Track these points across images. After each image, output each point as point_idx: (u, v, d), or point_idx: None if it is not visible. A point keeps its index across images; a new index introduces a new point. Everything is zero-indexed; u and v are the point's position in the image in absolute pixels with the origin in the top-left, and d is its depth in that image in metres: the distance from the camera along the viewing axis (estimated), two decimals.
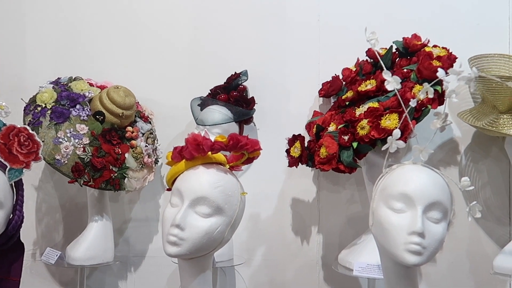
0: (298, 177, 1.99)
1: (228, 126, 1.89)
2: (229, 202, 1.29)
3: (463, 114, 1.80)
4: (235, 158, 1.39)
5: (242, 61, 2.00)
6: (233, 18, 2.06)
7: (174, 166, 1.34)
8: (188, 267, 1.32)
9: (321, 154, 1.64)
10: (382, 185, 1.29)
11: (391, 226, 1.22)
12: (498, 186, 1.92)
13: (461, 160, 1.94)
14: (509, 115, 1.69)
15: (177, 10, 2.09)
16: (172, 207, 1.30)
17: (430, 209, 1.21)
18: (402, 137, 1.48)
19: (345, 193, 1.99)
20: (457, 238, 1.91)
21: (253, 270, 2.02)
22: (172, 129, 2.04)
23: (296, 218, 2.01)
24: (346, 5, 2.02)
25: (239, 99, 1.92)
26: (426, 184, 1.22)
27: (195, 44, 2.08)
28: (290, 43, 2.03)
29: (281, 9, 2.04)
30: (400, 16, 1.97)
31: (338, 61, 1.92)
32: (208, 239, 1.26)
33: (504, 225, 1.92)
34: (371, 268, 1.66)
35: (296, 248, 2.00)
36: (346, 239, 1.91)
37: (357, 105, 1.72)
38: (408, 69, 1.72)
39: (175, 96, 2.05)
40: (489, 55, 1.81)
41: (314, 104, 2.00)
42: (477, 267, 1.91)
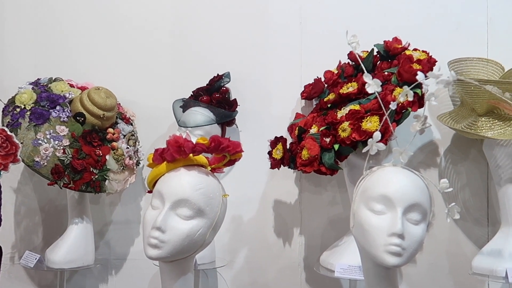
0: (280, 179, 2.00)
1: (211, 128, 1.88)
2: (210, 204, 1.28)
3: (442, 117, 1.83)
4: (216, 160, 1.39)
5: (225, 63, 2.00)
6: (216, 21, 2.06)
7: (155, 168, 1.34)
8: (169, 269, 1.32)
9: (303, 156, 1.65)
10: (362, 187, 1.31)
11: (371, 228, 1.23)
12: (477, 188, 1.95)
13: (441, 162, 1.97)
14: (487, 118, 1.72)
15: (160, 11, 2.08)
16: (153, 210, 1.29)
17: (409, 211, 1.22)
18: (382, 139, 1.49)
19: (327, 195, 2.00)
20: (436, 239, 1.94)
21: (235, 272, 2.02)
22: (154, 130, 2.03)
23: (278, 220, 2.02)
24: (328, 8, 2.03)
25: (222, 101, 1.92)
26: (405, 186, 1.24)
27: (177, 45, 2.07)
28: (273, 46, 2.04)
29: (264, 12, 2.05)
30: (381, 20, 1.99)
31: (320, 63, 1.93)
32: (189, 241, 1.26)
33: (482, 226, 1.95)
34: (352, 270, 1.67)
35: (278, 250, 2.01)
36: (328, 241, 1.92)
37: (338, 107, 1.73)
38: (389, 72, 1.74)
39: (157, 98, 2.04)
40: (468, 58, 1.84)
41: (296, 106, 2.01)
42: (456, 267, 1.93)
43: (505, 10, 1.95)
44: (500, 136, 1.66)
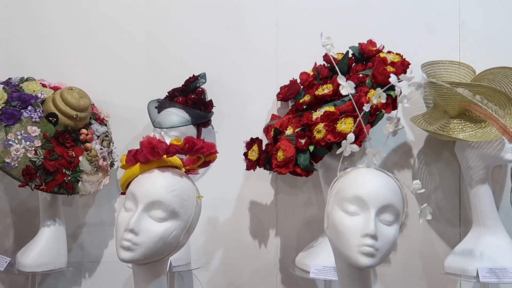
0: (256, 180, 2.00)
1: (186, 129, 1.87)
2: (184, 206, 1.27)
3: (416, 119, 1.85)
4: (191, 161, 1.38)
5: (201, 63, 1.99)
6: (192, 21, 2.05)
7: (129, 170, 1.32)
8: (142, 272, 1.30)
9: (278, 157, 1.66)
10: (336, 188, 1.31)
11: (345, 229, 1.24)
12: (449, 189, 1.98)
13: (414, 163, 2.00)
14: (459, 120, 1.75)
15: (135, 10, 2.06)
16: (126, 212, 1.27)
17: (382, 212, 1.23)
18: (356, 141, 1.51)
19: (303, 196, 2.01)
20: (410, 239, 1.96)
21: (211, 273, 2.01)
22: (129, 131, 2.01)
23: (254, 221, 2.01)
24: (304, 10, 2.04)
25: (197, 102, 1.91)
26: (379, 187, 1.25)
27: (153, 45, 2.06)
28: (249, 47, 2.04)
29: (240, 13, 2.05)
30: (357, 22, 2.01)
31: (296, 65, 1.94)
32: (163, 243, 1.25)
33: (454, 226, 1.98)
34: (327, 270, 1.69)
35: (254, 251, 2.01)
36: (304, 242, 1.93)
37: (314, 109, 1.74)
38: (364, 74, 1.76)
39: (132, 98, 2.02)
40: (440, 61, 1.88)
41: (272, 108, 2.02)
42: (429, 267, 1.96)
43: (477, 14, 1.99)
44: (471, 138, 1.69)
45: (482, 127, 1.70)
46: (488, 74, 1.75)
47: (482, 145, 1.73)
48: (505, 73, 1.72)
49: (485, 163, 1.75)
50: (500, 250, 1.72)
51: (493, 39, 1.98)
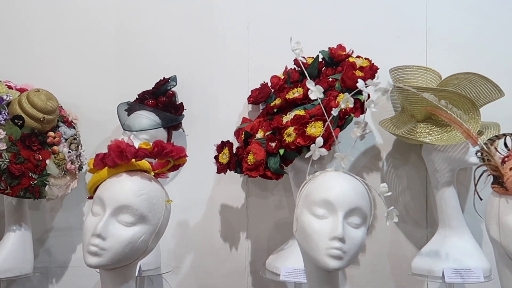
0: (227, 184, 2.00)
1: (156, 132, 1.86)
2: (153, 210, 1.26)
3: (384, 123, 1.89)
4: (160, 165, 1.37)
5: (171, 66, 1.98)
6: (163, 23, 2.04)
7: (96, 174, 1.30)
8: (110, 277, 1.28)
9: (249, 160, 1.66)
10: (305, 192, 1.33)
11: (313, 232, 1.25)
12: (417, 191, 2.02)
13: (383, 166, 2.03)
14: (426, 124, 1.79)
15: (105, 11, 2.04)
16: (94, 216, 1.26)
17: (350, 215, 1.25)
18: (325, 144, 1.52)
19: (273, 199, 2.02)
20: (379, 241, 2.00)
21: (181, 277, 2.00)
22: (98, 134, 1.98)
23: (224, 224, 2.01)
24: (276, 14, 2.05)
25: (168, 105, 1.90)
26: (346, 191, 1.26)
27: (123, 47, 2.04)
28: (220, 50, 2.04)
29: (211, 16, 2.05)
30: (327, 27, 2.03)
31: (267, 68, 1.95)
32: (131, 248, 1.23)
33: (421, 228, 2.02)
34: (297, 273, 1.69)
35: (224, 254, 2.00)
36: (274, 244, 1.93)
37: (284, 112, 1.75)
38: (333, 78, 1.78)
39: (101, 101, 2.00)
40: (408, 66, 1.91)
41: (243, 111, 2.02)
42: (397, 268, 1.99)
43: (443, 21, 2.03)
44: (437, 141, 1.73)
45: (447, 131, 1.74)
46: (453, 79, 1.80)
47: (447, 149, 1.77)
48: (470, 78, 1.76)
49: (451, 166, 1.80)
50: (465, 251, 1.77)
51: (459, 45, 2.03)
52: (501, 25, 2.05)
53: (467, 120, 1.62)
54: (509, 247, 1.29)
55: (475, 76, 1.75)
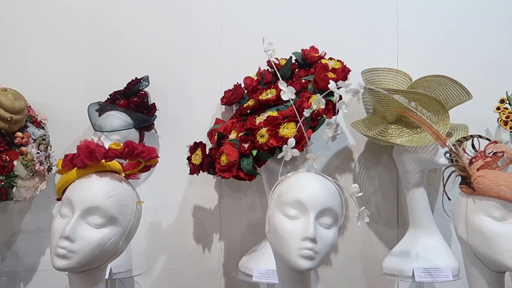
0: (200, 185, 1.99)
1: (128, 133, 1.84)
2: (123, 211, 1.25)
3: (356, 124, 1.90)
4: (131, 166, 1.36)
5: (144, 66, 1.96)
6: (135, 23, 2.02)
7: (65, 175, 1.28)
8: (79, 280, 1.26)
9: (222, 161, 1.65)
10: (277, 193, 1.33)
11: (285, 233, 1.25)
12: (388, 192, 2.05)
13: (355, 167, 2.05)
14: (397, 126, 1.81)
15: (76, 9, 2.00)
16: (62, 218, 1.23)
17: (322, 215, 1.26)
18: (298, 145, 1.53)
19: (247, 200, 2.02)
20: (351, 241, 2.01)
21: (154, 279, 1.98)
22: (68, 135, 1.94)
23: (197, 225, 2.00)
24: (249, 15, 2.05)
25: (140, 105, 1.88)
26: (318, 191, 1.27)
27: (94, 46, 2.00)
28: (193, 50, 2.02)
29: (185, 16, 2.03)
30: (301, 28, 2.03)
31: (241, 69, 1.95)
32: (101, 250, 1.21)
33: (392, 228, 2.05)
34: (270, 274, 1.70)
35: (197, 256, 1.99)
36: (247, 246, 1.93)
37: (257, 113, 1.76)
38: (306, 80, 1.79)
39: (71, 101, 1.96)
40: (379, 69, 1.94)
41: (216, 112, 2.01)
42: (369, 268, 2.01)
43: (414, 24, 2.07)
44: (408, 143, 1.76)
45: (418, 133, 1.77)
46: (423, 82, 1.83)
47: (418, 150, 1.80)
48: (439, 81, 1.79)
49: (421, 167, 1.83)
50: (434, 250, 1.80)
51: (429, 48, 2.06)
52: (471, 29, 2.09)
53: (436, 122, 1.64)
54: (476, 246, 1.31)
55: (444, 79, 1.78)
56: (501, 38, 2.10)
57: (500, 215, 1.28)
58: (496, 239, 1.26)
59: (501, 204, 1.28)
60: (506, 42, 2.10)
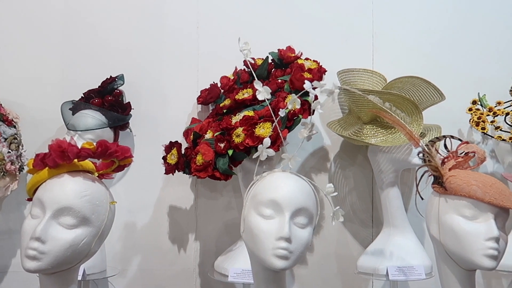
0: (176, 185, 1.97)
1: (102, 132, 1.82)
2: (96, 212, 1.23)
3: (331, 124, 1.92)
4: (105, 165, 1.34)
5: (118, 64, 1.94)
6: (110, 20, 1.99)
7: (36, 175, 1.25)
8: (50, 282, 1.24)
9: (197, 161, 1.65)
10: (252, 192, 1.33)
11: (260, 232, 1.25)
12: (363, 191, 2.07)
13: (331, 167, 2.06)
14: (372, 126, 1.83)
15: (48, 4, 1.96)
16: (33, 219, 1.21)
17: (296, 215, 1.26)
18: (274, 145, 1.54)
19: (223, 200, 2.01)
20: (326, 240, 2.03)
21: (128, 280, 1.96)
22: (40, 134, 1.90)
23: (173, 226, 1.99)
24: (226, 14, 2.04)
25: (114, 104, 1.86)
26: (293, 191, 1.27)
27: (68, 43, 1.97)
28: (169, 49, 2.01)
29: (160, 14, 2.01)
30: (277, 28, 2.04)
31: (217, 69, 1.94)
32: (73, 251, 1.19)
33: (367, 227, 2.07)
34: (245, 274, 1.69)
35: (173, 256, 1.98)
36: (223, 246, 1.92)
37: (234, 113, 1.75)
38: (282, 80, 1.79)
39: (44, 99, 1.93)
40: (355, 69, 1.95)
41: (192, 111, 2.00)
42: (344, 267, 2.03)
43: (389, 26, 2.09)
44: (382, 143, 1.77)
45: (392, 133, 1.79)
46: (397, 83, 1.85)
47: (392, 150, 1.82)
48: (413, 82, 1.81)
49: (395, 167, 1.85)
50: (408, 249, 1.82)
51: (404, 49, 2.10)
52: (444, 31, 2.13)
53: (410, 122, 1.67)
54: (447, 244, 1.33)
55: (418, 80, 1.80)
56: (473, 41, 2.14)
57: (471, 214, 1.30)
58: (467, 238, 1.29)
59: (472, 204, 1.30)
60: (478, 45, 2.15)
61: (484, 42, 2.16)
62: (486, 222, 1.28)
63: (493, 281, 2.11)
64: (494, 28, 2.17)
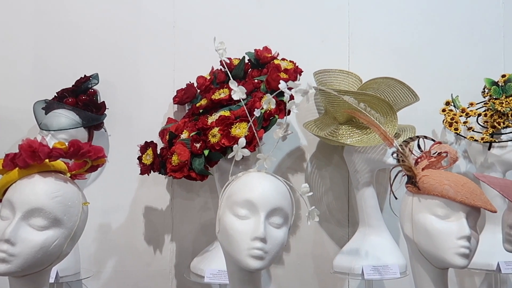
0: (152, 185, 1.95)
1: (76, 132, 1.79)
2: (68, 213, 1.21)
3: (307, 125, 1.92)
4: (77, 166, 1.31)
5: (93, 63, 1.91)
6: (84, 17, 1.95)
7: (6, 175, 1.22)
8: (20, 285, 1.21)
9: (173, 161, 1.64)
10: (228, 193, 1.32)
11: (235, 233, 1.25)
12: (339, 191, 2.08)
13: (307, 167, 2.07)
14: (347, 126, 1.84)
15: (21, 3, 1.92)
16: (2, 220, 1.18)
17: (272, 215, 1.26)
18: (250, 145, 1.54)
19: (199, 200, 2.00)
20: (303, 240, 2.03)
21: (103, 282, 1.93)
22: (12, 134, 1.86)
23: (149, 226, 1.97)
24: (203, 13, 2.03)
25: (89, 104, 1.83)
26: (268, 191, 1.27)
27: (41, 42, 1.93)
28: (145, 48, 1.99)
29: (137, 13, 1.99)
30: (254, 28, 2.04)
31: (193, 68, 1.93)
32: (44, 253, 1.17)
33: (343, 227, 2.08)
34: (222, 274, 1.69)
35: (148, 258, 1.96)
36: (200, 246, 1.91)
37: (210, 113, 1.74)
38: (259, 80, 1.79)
39: (16, 98, 1.88)
40: (331, 70, 1.97)
41: (168, 111, 1.98)
42: (320, 267, 2.04)
43: (365, 27, 2.11)
44: (358, 143, 1.79)
45: (367, 133, 1.81)
46: (373, 84, 1.87)
47: (367, 150, 1.84)
48: (388, 83, 1.84)
49: (370, 167, 1.87)
50: (383, 248, 1.84)
51: (379, 51, 2.12)
52: (419, 33, 2.17)
53: (384, 123, 1.68)
54: (421, 243, 1.35)
55: (393, 81, 1.83)
56: (447, 43, 2.18)
57: (444, 213, 1.32)
58: (439, 237, 1.30)
59: (444, 203, 1.32)
60: (452, 47, 2.19)
61: (458, 45, 2.20)
62: (458, 221, 1.30)
63: (466, 279, 2.15)
64: (467, 30, 2.21)
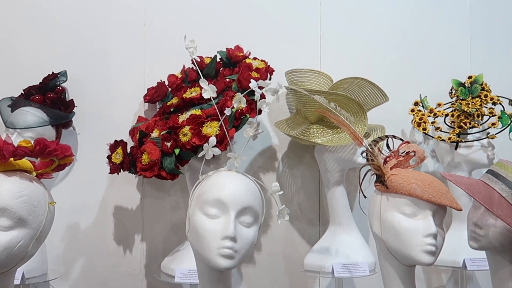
0: (122, 184, 1.93)
1: (43, 130, 1.75)
2: (34, 212, 1.18)
3: (279, 124, 1.93)
4: (43, 165, 1.28)
5: (61, 60, 1.87)
6: (54, 13, 1.92)
7: None
8: None
9: (143, 160, 1.62)
10: (198, 192, 1.32)
11: (205, 232, 1.24)
12: (310, 190, 2.10)
13: (279, 166, 2.08)
14: (318, 126, 1.86)
15: None
16: None
17: (242, 214, 1.26)
18: (221, 144, 1.53)
19: (170, 200, 1.98)
20: (274, 239, 2.04)
21: (71, 283, 1.90)
22: None
23: (118, 226, 1.94)
24: (174, 11, 2.02)
25: (57, 101, 1.80)
26: (238, 190, 1.27)
27: (6, 37, 1.88)
28: (115, 46, 1.96)
29: (107, 10, 1.96)
30: (226, 27, 2.04)
31: (164, 67, 1.92)
32: (8, 254, 1.14)
33: (314, 226, 2.10)
34: (192, 274, 1.68)
35: (118, 258, 1.93)
36: (170, 246, 1.90)
37: (181, 111, 1.73)
38: (230, 79, 1.79)
39: None
40: (302, 70, 1.98)
41: (139, 109, 1.96)
42: (291, 266, 2.05)
43: (336, 28, 2.13)
44: (329, 142, 1.81)
45: (338, 133, 1.82)
46: (343, 83, 1.88)
47: (338, 149, 1.86)
48: (358, 83, 1.86)
49: (340, 166, 1.88)
50: (353, 246, 1.86)
51: (350, 51, 2.14)
52: (389, 34, 2.20)
53: (354, 122, 1.70)
54: (388, 241, 1.37)
55: (363, 81, 1.85)
56: (416, 44, 2.22)
57: (411, 212, 1.34)
58: (406, 235, 1.33)
59: (411, 201, 1.34)
60: (420, 48, 2.22)
61: (427, 46, 2.24)
62: (425, 219, 1.33)
63: (433, 276, 2.20)
64: (435, 32, 2.25)
